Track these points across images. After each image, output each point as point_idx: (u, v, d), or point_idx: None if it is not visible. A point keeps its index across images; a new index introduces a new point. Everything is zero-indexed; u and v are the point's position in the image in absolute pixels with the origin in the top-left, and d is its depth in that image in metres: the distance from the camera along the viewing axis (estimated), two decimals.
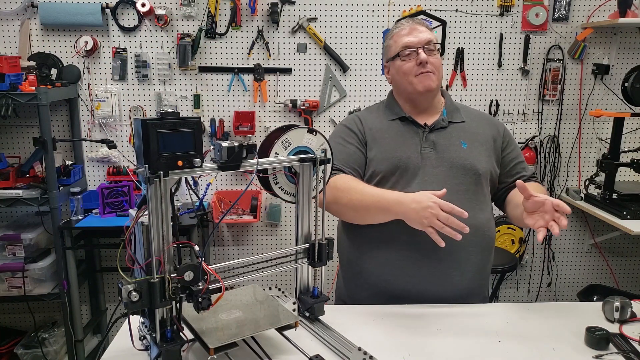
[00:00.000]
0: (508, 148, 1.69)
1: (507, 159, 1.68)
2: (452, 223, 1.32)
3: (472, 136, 1.63)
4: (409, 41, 1.60)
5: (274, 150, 1.23)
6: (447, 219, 1.32)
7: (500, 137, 1.68)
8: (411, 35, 1.60)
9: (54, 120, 2.95)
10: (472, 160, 1.58)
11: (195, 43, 2.88)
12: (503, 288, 3.35)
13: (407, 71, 1.60)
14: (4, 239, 2.68)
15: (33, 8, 2.82)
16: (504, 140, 1.68)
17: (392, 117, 1.67)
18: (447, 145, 1.60)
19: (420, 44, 1.59)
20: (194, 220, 2.71)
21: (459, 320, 1.42)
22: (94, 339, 3.13)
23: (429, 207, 1.34)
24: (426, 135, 1.61)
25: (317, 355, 1.18)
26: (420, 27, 1.62)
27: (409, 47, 1.59)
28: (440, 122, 1.63)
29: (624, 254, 3.35)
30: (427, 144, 1.60)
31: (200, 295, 1.07)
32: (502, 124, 1.74)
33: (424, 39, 1.59)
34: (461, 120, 1.66)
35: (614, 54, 3.08)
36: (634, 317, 1.41)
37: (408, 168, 1.58)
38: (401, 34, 1.62)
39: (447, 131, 1.63)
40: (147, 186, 1.02)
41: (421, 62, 1.57)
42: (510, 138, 1.71)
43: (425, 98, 1.63)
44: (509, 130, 1.73)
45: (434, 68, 1.59)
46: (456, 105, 1.71)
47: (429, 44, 1.59)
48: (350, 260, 1.69)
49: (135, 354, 1.20)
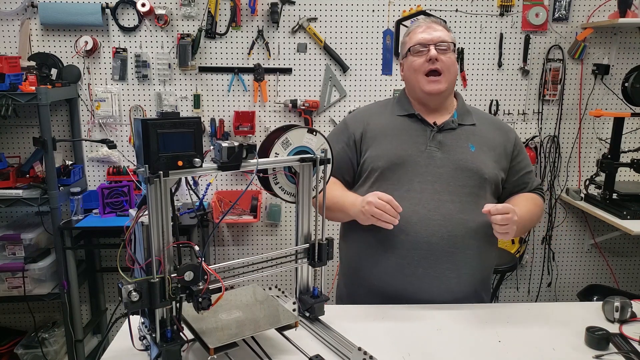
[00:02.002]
0: (519, 157, 1.67)
1: (516, 168, 1.67)
2: (388, 211, 1.42)
3: (481, 140, 1.62)
4: (422, 38, 1.60)
5: (274, 150, 1.23)
6: (383, 206, 1.43)
7: (511, 144, 1.66)
8: (425, 33, 1.61)
9: (54, 120, 2.95)
10: (478, 163, 1.57)
11: (195, 43, 2.87)
12: (503, 288, 3.35)
13: (417, 67, 1.60)
14: (4, 239, 2.68)
15: (33, 8, 2.82)
16: (515, 148, 1.67)
17: (401, 113, 1.66)
18: (455, 147, 1.59)
19: (432, 42, 1.58)
20: (194, 220, 2.70)
21: (459, 320, 1.42)
22: (94, 339, 3.13)
23: (368, 201, 1.45)
24: (434, 134, 1.60)
25: (317, 355, 1.18)
26: (436, 26, 1.62)
27: (421, 43, 1.59)
28: (449, 123, 1.62)
29: (624, 254, 3.35)
30: (434, 143, 1.59)
31: (200, 295, 1.07)
32: (513, 131, 1.72)
33: (437, 37, 1.59)
34: (472, 123, 1.64)
35: (614, 54, 3.08)
36: (634, 317, 1.41)
37: (407, 165, 1.57)
38: (417, 31, 1.62)
39: (456, 133, 1.62)
40: (147, 186, 1.02)
41: (430, 59, 1.57)
42: (522, 147, 1.70)
43: (433, 99, 1.63)
44: (520, 139, 1.72)
45: (445, 67, 1.58)
46: (468, 108, 1.70)
47: (442, 42, 1.58)
48: (349, 260, 1.69)
49: (135, 354, 1.20)
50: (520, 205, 1.56)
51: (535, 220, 1.69)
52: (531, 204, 1.65)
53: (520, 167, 1.68)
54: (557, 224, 3.27)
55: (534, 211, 1.65)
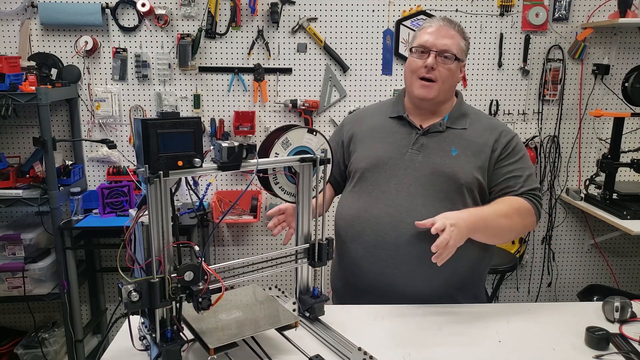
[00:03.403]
0: (505, 160, 1.57)
1: (500, 172, 1.57)
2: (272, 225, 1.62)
3: (466, 144, 1.57)
4: (426, 40, 1.55)
5: (274, 150, 1.24)
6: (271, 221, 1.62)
7: (500, 146, 1.57)
8: (432, 36, 1.54)
9: (54, 120, 2.94)
10: (456, 168, 1.53)
11: (195, 43, 2.87)
12: (503, 288, 3.35)
13: (413, 69, 1.58)
14: (4, 239, 2.68)
15: (33, 8, 2.82)
16: (504, 151, 1.58)
17: (393, 114, 1.67)
18: (436, 150, 1.57)
19: (435, 48, 1.53)
20: (194, 220, 2.70)
21: (459, 320, 1.42)
22: (94, 339, 3.13)
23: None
24: (417, 137, 1.59)
25: (317, 355, 1.18)
26: (447, 31, 1.55)
27: (424, 46, 1.55)
28: (437, 126, 1.60)
29: (624, 254, 3.35)
30: (416, 146, 1.59)
31: (200, 295, 1.07)
32: (510, 134, 1.61)
33: (441, 44, 1.53)
34: (462, 127, 1.60)
35: (614, 54, 3.08)
36: (634, 317, 1.41)
37: (386, 167, 1.58)
38: (427, 30, 1.57)
39: (442, 136, 1.59)
40: (147, 186, 1.02)
41: (426, 66, 1.54)
42: (515, 150, 1.59)
43: (424, 103, 1.61)
44: (516, 143, 1.60)
45: (440, 77, 1.54)
46: (464, 111, 1.64)
47: (445, 52, 1.53)
48: None
49: (135, 354, 1.20)
50: (485, 207, 1.50)
51: (509, 224, 1.51)
52: (505, 206, 1.52)
53: (505, 170, 1.57)
54: (557, 224, 3.27)
55: (506, 212, 1.50)
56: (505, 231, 1.53)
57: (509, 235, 1.58)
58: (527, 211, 1.54)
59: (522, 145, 1.64)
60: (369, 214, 1.56)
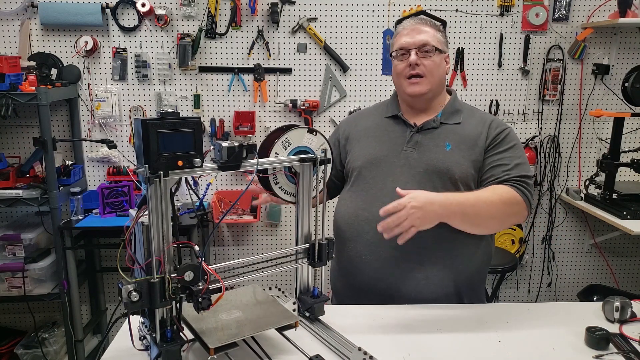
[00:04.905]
0: (494, 149, 1.56)
1: (487, 160, 1.56)
2: None
3: (460, 138, 1.58)
4: (404, 42, 1.59)
5: (274, 150, 1.24)
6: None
7: (491, 137, 1.57)
8: (408, 36, 1.59)
9: (54, 120, 2.94)
10: (449, 163, 1.54)
11: (195, 43, 2.87)
12: (503, 288, 3.35)
13: (399, 72, 1.61)
14: (4, 239, 2.68)
15: (33, 8, 2.82)
16: (494, 141, 1.57)
17: (388, 114, 1.69)
18: (431, 147, 1.58)
19: (414, 46, 1.57)
20: (194, 220, 2.70)
21: (459, 320, 1.42)
22: (94, 339, 3.13)
23: None
24: (412, 135, 1.61)
25: (317, 355, 1.18)
26: (421, 28, 1.60)
27: (403, 48, 1.59)
28: (430, 123, 1.60)
29: (624, 254, 3.35)
30: (411, 144, 1.60)
31: (200, 295, 1.07)
32: (502, 126, 1.61)
33: (419, 40, 1.57)
34: (456, 122, 1.61)
35: (614, 54, 3.08)
36: (634, 317, 1.41)
37: (383, 166, 1.59)
38: (402, 34, 1.62)
39: (436, 132, 1.60)
40: (147, 186, 1.02)
41: (410, 64, 1.57)
42: (503, 140, 1.57)
43: (417, 101, 1.63)
44: (507, 134, 1.58)
45: (427, 71, 1.57)
46: (458, 107, 1.65)
47: (424, 46, 1.56)
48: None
49: (135, 354, 1.20)
50: (466, 193, 1.48)
51: (490, 211, 1.45)
52: (488, 192, 1.48)
53: (493, 159, 1.55)
54: (557, 224, 3.27)
55: (487, 198, 1.45)
56: (485, 218, 1.46)
57: (492, 224, 1.51)
58: (513, 199, 1.48)
59: (515, 137, 1.61)
60: (367, 212, 1.56)
